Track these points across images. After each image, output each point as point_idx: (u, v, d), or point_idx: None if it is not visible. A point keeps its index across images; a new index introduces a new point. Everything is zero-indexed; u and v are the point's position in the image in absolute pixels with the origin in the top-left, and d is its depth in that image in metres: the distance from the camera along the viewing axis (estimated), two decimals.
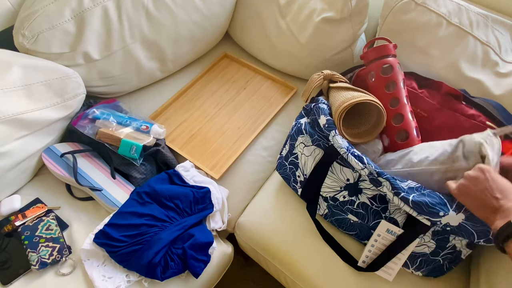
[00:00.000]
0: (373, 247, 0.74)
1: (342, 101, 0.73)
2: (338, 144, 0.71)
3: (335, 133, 0.72)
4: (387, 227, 0.71)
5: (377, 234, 0.73)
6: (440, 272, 0.75)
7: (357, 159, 0.68)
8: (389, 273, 0.75)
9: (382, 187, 0.68)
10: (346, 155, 0.70)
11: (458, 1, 0.88)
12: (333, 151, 0.73)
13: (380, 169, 0.68)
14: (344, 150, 0.70)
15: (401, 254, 0.72)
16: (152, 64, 1.05)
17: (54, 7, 0.83)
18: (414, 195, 0.65)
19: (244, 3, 1.13)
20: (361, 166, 0.68)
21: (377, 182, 0.68)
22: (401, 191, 0.65)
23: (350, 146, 0.71)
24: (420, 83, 0.84)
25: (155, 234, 0.77)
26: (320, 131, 0.76)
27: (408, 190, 0.66)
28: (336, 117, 0.73)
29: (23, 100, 0.79)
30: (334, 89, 0.81)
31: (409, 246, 0.70)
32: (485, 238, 0.65)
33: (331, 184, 0.77)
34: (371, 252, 0.75)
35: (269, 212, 0.89)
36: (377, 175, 0.67)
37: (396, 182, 0.66)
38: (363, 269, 0.76)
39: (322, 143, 0.76)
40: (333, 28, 0.97)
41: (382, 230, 0.72)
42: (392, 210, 0.72)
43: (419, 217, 0.65)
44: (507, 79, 0.81)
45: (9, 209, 0.83)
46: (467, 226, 0.64)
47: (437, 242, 0.70)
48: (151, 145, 0.90)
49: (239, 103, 1.09)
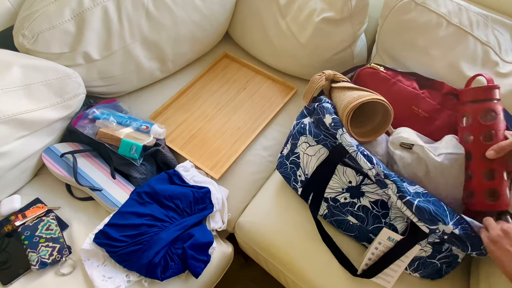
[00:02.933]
0: (373, 255, 0.74)
1: (349, 101, 0.72)
2: (347, 142, 0.70)
3: (343, 131, 0.71)
4: (388, 234, 0.71)
5: (378, 242, 0.72)
6: (437, 275, 0.75)
7: (366, 159, 0.67)
8: (388, 280, 0.74)
9: (388, 189, 0.67)
10: (355, 153, 0.68)
11: (458, 1, 0.88)
12: (341, 150, 0.72)
13: (388, 171, 0.67)
14: (354, 149, 0.69)
15: (401, 261, 0.71)
16: (152, 64, 1.05)
17: (54, 7, 0.83)
18: (420, 199, 0.64)
19: (244, 3, 1.13)
20: (369, 166, 0.67)
21: (383, 184, 0.67)
22: (406, 195, 0.65)
23: (359, 145, 0.70)
24: (421, 83, 0.84)
25: (155, 234, 0.77)
26: (326, 130, 0.76)
27: (414, 194, 0.65)
28: (344, 117, 0.72)
29: (23, 100, 0.79)
30: (337, 89, 0.81)
31: (410, 253, 0.70)
32: (478, 251, 0.65)
33: (333, 185, 0.77)
34: (371, 260, 0.74)
35: (269, 212, 0.89)
36: (384, 177, 0.66)
37: (403, 185, 0.65)
38: (359, 275, 0.76)
39: (329, 142, 0.76)
40: (333, 28, 0.97)
41: (383, 238, 0.71)
42: (392, 217, 0.71)
43: (419, 223, 0.65)
44: (507, 79, 0.81)
45: (9, 209, 0.83)
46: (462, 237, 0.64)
47: (433, 246, 0.70)
48: (151, 145, 0.90)
49: (239, 103, 1.09)
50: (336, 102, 0.78)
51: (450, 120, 0.79)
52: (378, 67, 0.87)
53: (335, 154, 0.74)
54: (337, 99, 0.78)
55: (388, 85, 0.85)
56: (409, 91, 0.83)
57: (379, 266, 0.73)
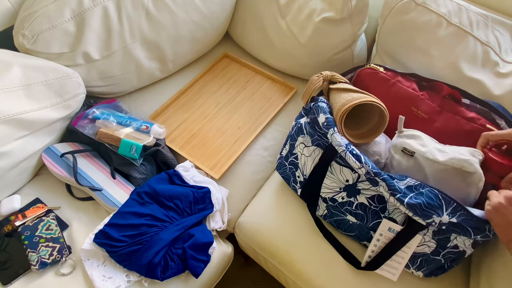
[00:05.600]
0: (375, 247, 0.74)
1: (343, 103, 0.73)
2: (337, 142, 0.71)
3: (334, 131, 0.72)
4: (388, 225, 0.71)
5: (379, 233, 0.73)
6: (441, 270, 0.75)
7: (354, 158, 0.68)
8: (393, 272, 0.74)
9: (379, 187, 0.68)
10: (344, 153, 0.69)
11: (458, 1, 0.88)
12: (332, 150, 0.73)
13: (378, 169, 0.68)
14: (343, 148, 0.70)
15: (404, 253, 0.72)
16: (152, 64, 1.05)
17: (54, 7, 0.83)
18: (412, 195, 0.65)
19: (244, 3, 1.13)
20: (358, 165, 0.68)
21: (374, 182, 0.68)
22: (397, 193, 0.66)
23: (348, 145, 0.70)
24: (421, 84, 0.84)
25: (155, 234, 0.77)
26: (319, 130, 0.76)
27: (405, 189, 0.66)
28: (338, 118, 0.73)
29: (23, 100, 0.79)
30: (334, 91, 0.81)
31: (412, 244, 0.70)
32: (482, 234, 0.65)
33: (331, 185, 0.77)
34: (373, 252, 0.75)
35: (269, 212, 0.89)
36: (374, 175, 0.67)
37: (393, 183, 0.66)
38: (363, 268, 0.76)
39: (322, 142, 0.76)
40: (333, 28, 0.97)
41: (384, 229, 0.72)
42: (391, 210, 0.72)
43: (415, 217, 0.66)
44: (507, 79, 0.81)
45: (9, 209, 0.83)
46: (462, 223, 0.64)
47: (438, 242, 0.70)
48: (151, 145, 0.90)
49: (239, 103, 1.09)
50: (332, 104, 0.78)
51: (450, 122, 0.79)
52: (378, 68, 0.87)
53: (328, 153, 0.74)
54: (333, 100, 0.78)
55: (387, 86, 0.85)
56: (408, 92, 0.83)
57: (382, 256, 0.73)
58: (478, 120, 0.76)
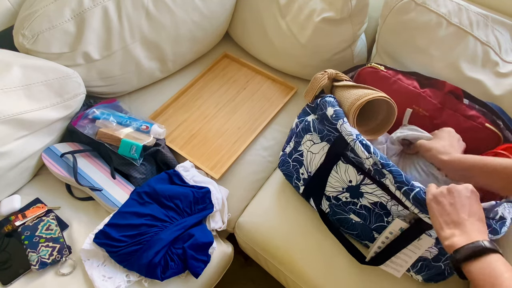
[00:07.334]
0: (383, 244, 0.73)
1: (355, 98, 0.72)
2: (347, 132, 0.70)
3: (344, 122, 0.71)
4: (400, 225, 0.69)
5: (389, 232, 0.71)
6: (441, 277, 0.74)
7: (363, 147, 0.67)
8: (398, 269, 0.73)
9: (385, 179, 0.66)
10: (353, 142, 0.69)
11: (458, 1, 0.88)
12: (342, 142, 0.72)
13: (387, 160, 0.66)
14: (353, 138, 0.69)
15: (412, 252, 0.70)
16: (152, 64, 1.05)
17: (54, 7, 0.83)
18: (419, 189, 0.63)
19: (244, 3, 1.13)
20: (367, 155, 0.67)
21: (380, 174, 0.67)
22: (403, 185, 0.64)
23: (359, 135, 0.69)
24: (422, 82, 0.84)
25: (155, 234, 0.77)
26: (329, 124, 0.75)
27: (413, 183, 0.64)
28: (351, 115, 0.72)
29: (23, 100, 0.79)
30: (340, 88, 0.81)
31: (422, 245, 0.68)
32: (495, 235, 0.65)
33: (334, 184, 0.77)
34: (380, 248, 0.73)
35: (269, 212, 0.89)
36: (381, 166, 0.66)
37: (401, 174, 0.65)
38: (367, 263, 0.75)
39: (332, 136, 0.75)
40: (333, 28, 0.97)
41: (395, 228, 0.70)
42: (395, 216, 0.71)
43: (421, 215, 0.65)
44: (507, 79, 0.81)
45: (9, 209, 0.83)
46: None
47: (439, 250, 0.70)
48: (151, 145, 0.90)
49: (239, 103, 1.09)
50: (340, 100, 0.78)
51: (450, 120, 0.79)
52: (379, 67, 0.87)
53: (336, 146, 0.74)
54: (341, 97, 0.78)
55: (388, 84, 0.85)
56: (409, 89, 0.83)
57: (387, 253, 0.72)
58: (477, 119, 0.76)
